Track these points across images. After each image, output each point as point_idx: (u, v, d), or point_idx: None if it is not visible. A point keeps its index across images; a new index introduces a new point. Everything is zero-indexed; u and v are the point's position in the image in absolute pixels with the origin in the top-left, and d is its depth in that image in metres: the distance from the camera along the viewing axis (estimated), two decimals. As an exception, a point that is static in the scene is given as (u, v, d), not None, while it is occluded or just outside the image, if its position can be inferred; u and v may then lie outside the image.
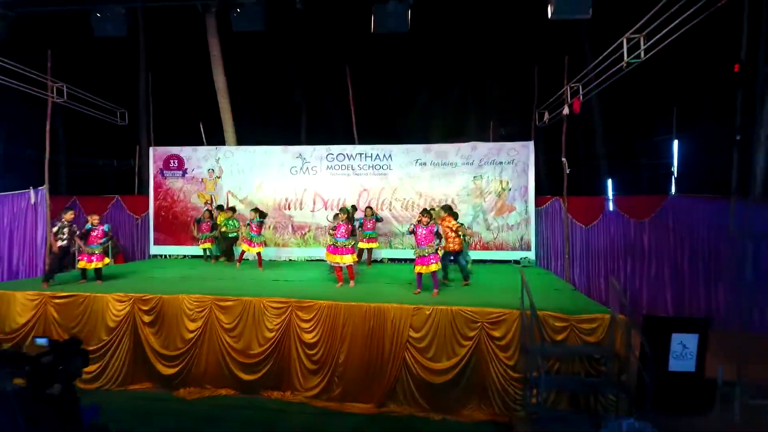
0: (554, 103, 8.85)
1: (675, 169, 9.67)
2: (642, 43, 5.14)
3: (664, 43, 4.95)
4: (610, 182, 12.71)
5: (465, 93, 13.68)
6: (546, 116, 9.23)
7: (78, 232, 6.74)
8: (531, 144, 9.53)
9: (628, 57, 5.23)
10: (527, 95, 9.84)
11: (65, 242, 6.74)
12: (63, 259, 7.02)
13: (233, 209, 9.72)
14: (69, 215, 6.87)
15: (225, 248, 9.60)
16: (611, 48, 5.54)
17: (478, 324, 5.25)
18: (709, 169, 9.57)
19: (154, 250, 10.41)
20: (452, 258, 6.87)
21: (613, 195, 10.69)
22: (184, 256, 10.24)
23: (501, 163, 9.59)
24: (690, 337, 5.32)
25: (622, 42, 5.31)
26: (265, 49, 13.40)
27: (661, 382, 5.00)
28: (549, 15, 4.07)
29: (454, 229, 6.68)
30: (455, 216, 7.10)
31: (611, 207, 9.52)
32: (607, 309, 5.34)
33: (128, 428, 4.73)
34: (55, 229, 6.79)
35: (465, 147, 9.75)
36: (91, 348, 5.61)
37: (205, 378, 5.72)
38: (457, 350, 5.28)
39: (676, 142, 9.63)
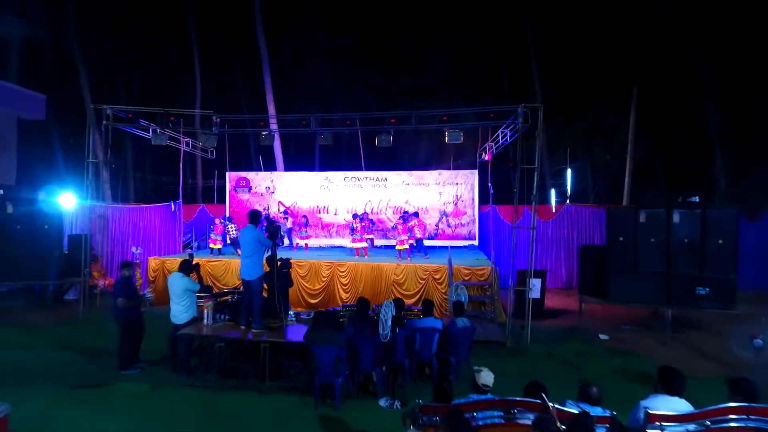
0: (486, 150, 14.18)
1: (569, 187, 15.05)
2: (508, 132, 10.51)
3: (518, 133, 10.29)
4: (553, 192, 18.07)
5: (438, 133, 19.16)
6: (483, 155, 14.56)
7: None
8: (476, 171, 14.82)
9: (501, 139, 10.63)
10: (475, 140, 15.15)
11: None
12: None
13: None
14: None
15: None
16: (497, 133, 10.96)
17: (428, 272, 10.56)
18: (591, 188, 14.94)
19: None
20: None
21: (556, 202, 15.91)
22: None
23: (457, 183, 14.88)
24: (537, 280, 10.67)
25: (498, 132, 10.69)
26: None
27: (523, 303, 10.25)
28: (446, 140, 9.31)
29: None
30: None
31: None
32: (489, 263, 10.67)
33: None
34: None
35: (434, 173, 15.06)
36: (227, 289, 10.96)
37: (290, 302, 11.01)
38: (417, 285, 10.59)
39: (569, 170, 15.01)
